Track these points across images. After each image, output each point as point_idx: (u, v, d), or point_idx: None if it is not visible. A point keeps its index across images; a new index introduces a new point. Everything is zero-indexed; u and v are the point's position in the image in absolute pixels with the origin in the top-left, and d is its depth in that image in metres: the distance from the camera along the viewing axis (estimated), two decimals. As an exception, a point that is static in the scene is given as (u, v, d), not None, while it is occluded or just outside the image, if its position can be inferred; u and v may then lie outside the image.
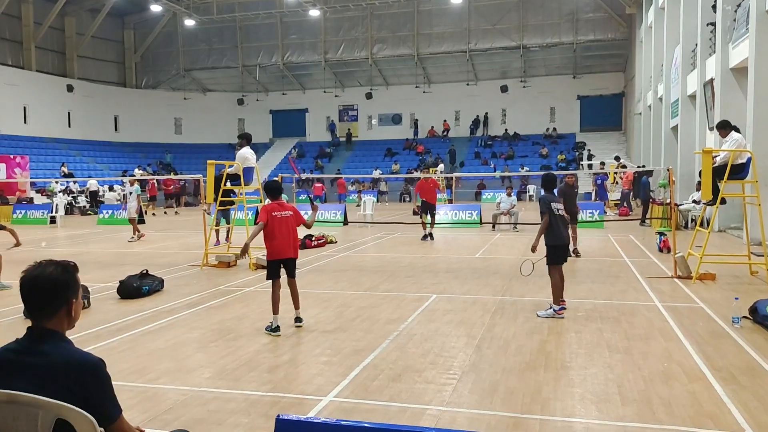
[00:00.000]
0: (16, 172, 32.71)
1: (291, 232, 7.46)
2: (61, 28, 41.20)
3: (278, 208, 7.43)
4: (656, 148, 27.84)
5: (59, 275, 2.61)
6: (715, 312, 8.00)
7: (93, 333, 7.36)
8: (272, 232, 7.35)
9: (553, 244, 7.97)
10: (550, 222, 7.94)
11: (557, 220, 8.00)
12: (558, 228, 8.00)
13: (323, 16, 43.41)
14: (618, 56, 41.59)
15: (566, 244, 8.23)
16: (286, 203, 7.64)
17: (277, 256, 7.40)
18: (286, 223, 7.40)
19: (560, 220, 8.05)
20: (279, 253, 7.40)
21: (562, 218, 8.11)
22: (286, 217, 7.40)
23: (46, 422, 2.47)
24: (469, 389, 5.35)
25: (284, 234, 7.39)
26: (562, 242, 8.08)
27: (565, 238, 8.19)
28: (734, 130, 10.56)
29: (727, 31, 17.25)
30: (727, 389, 5.22)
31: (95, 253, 15.56)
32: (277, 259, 7.41)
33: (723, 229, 17.18)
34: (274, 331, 7.23)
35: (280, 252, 7.40)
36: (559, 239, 8.02)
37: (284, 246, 7.40)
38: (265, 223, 7.30)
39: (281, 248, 7.39)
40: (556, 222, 7.99)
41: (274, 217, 7.33)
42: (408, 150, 44.36)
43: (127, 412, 2.72)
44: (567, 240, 8.27)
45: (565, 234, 8.20)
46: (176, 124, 47.92)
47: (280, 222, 7.36)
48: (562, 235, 8.08)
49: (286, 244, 7.42)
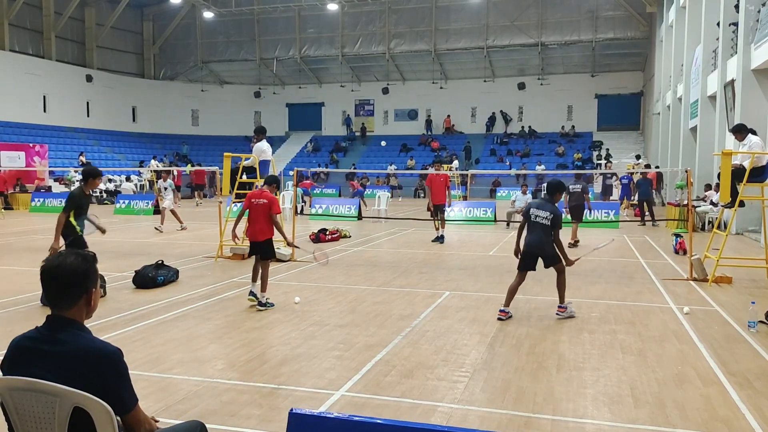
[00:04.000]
0: (35, 160, 33.04)
1: (261, 218, 8.40)
2: (81, 19, 41.51)
3: (257, 195, 8.51)
4: (674, 149, 27.55)
5: (79, 265, 2.64)
6: (731, 316, 7.93)
7: (108, 322, 7.44)
8: (249, 218, 8.54)
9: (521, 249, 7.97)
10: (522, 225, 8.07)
11: (531, 226, 7.81)
12: (528, 234, 7.86)
13: (341, 10, 43.38)
14: (637, 55, 41.17)
15: (527, 251, 7.84)
16: (265, 192, 8.53)
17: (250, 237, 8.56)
18: (258, 210, 8.42)
19: (536, 227, 7.77)
20: (250, 237, 8.55)
21: (542, 226, 7.73)
22: (260, 204, 8.39)
23: (64, 410, 2.50)
24: (481, 387, 5.35)
25: (254, 219, 8.43)
26: (525, 249, 7.85)
27: (528, 245, 7.82)
28: (751, 132, 10.45)
29: (750, 31, 17.02)
30: (741, 394, 5.18)
31: (112, 242, 15.70)
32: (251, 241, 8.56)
33: (741, 232, 17.00)
34: (249, 294, 8.32)
35: (251, 235, 8.52)
36: (525, 245, 7.87)
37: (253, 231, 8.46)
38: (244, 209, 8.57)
39: (252, 232, 8.49)
40: (529, 228, 7.86)
41: (251, 203, 8.45)
42: (423, 146, 44.27)
43: (141, 401, 2.75)
44: (530, 248, 7.82)
45: (530, 241, 7.81)
46: (193, 116, 48.16)
47: (254, 208, 8.44)
48: (527, 242, 7.83)
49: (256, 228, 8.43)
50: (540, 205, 7.90)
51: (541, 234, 7.74)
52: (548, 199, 7.97)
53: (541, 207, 7.86)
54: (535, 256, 7.86)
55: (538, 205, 7.92)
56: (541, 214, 7.77)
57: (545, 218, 7.72)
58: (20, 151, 32.60)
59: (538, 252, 7.82)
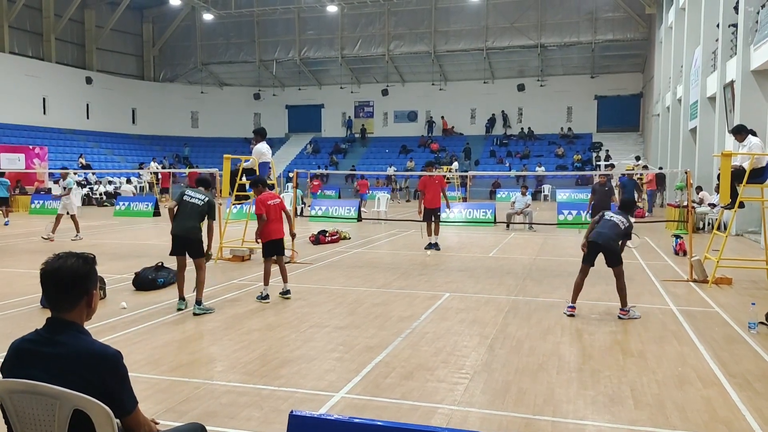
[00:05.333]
0: (35, 162, 33.04)
1: (280, 216, 9.02)
2: (80, 21, 41.53)
3: (270, 197, 8.97)
4: (674, 150, 27.57)
5: (80, 267, 2.64)
6: (731, 317, 7.93)
7: (108, 324, 7.43)
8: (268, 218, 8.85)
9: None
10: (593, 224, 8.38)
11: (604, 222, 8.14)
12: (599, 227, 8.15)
13: (341, 12, 43.42)
14: (637, 56, 41.20)
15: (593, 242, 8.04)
16: (273, 192, 9.38)
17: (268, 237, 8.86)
18: (277, 210, 8.99)
19: (608, 223, 8.11)
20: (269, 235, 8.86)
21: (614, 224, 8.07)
22: (277, 204, 8.99)
23: (64, 412, 2.50)
24: (481, 389, 5.34)
25: (274, 219, 8.88)
26: (592, 239, 8.08)
27: (597, 235, 8.04)
28: (750, 133, 10.45)
29: (749, 32, 17.04)
30: (742, 395, 5.17)
31: (111, 244, 15.70)
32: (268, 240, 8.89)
33: (740, 233, 17.00)
34: (263, 299, 8.71)
35: (268, 235, 8.85)
36: (593, 236, 8.09)
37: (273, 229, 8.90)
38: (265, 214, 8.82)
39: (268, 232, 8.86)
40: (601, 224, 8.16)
41: (268, 206, 8.83)
42: (423, 147, 44.28)
43: (141, 403, 2.74)
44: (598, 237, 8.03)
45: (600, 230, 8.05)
46: (193, 118, 48.18)
47: (274, 209, 8.93)
48: (596, 232, 8.07)
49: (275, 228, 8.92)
50: (616, 213, 8.33)
51: (613, 230, 7.99)
52: (625, 214, 8.32)
53: (617, 213, 8.27)
54: (599, 249, 7.99)
55: (615, 212, 8.34)
56: (616, 217, 8.14)
57: (621, 222, 8.05)
58: (20, 153, 32.61)
59: (605, 244, 7.94)
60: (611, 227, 8.02)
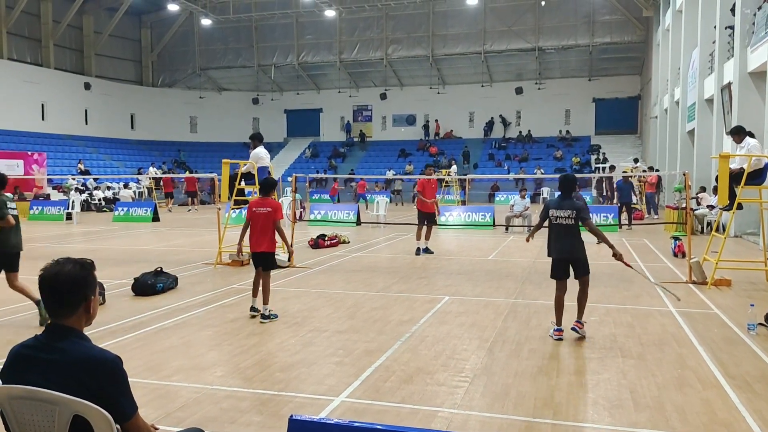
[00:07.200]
0: (34, 168, 33.04)
1: (265, 227, 7.99)
2: (79, 27, 41.60)
3: (259, 204, 8.09)
4: (672, 152, 27.62)
5: (78, 273, 2.64)
6: (730, 318, 7.93)
7: (107, 330, 7.43)
8: (251, 227, 8.09)
9: (550, 256, 7.28)
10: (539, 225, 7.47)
11: (555, 228, 7.12)
12: (552, 240, 7.17)
13: (339, 17, 43.50)
14: (634, 59, 41.30)
15: (559, 258, 7.15)
16: (269, 199, 8.19)
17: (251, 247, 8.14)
18: (261, 219, 7.99)
19: (560, 229, 7.07)
20: (252, 247, 8.12)
21: (565, 227, 7.04)
22: (262, 213, 7.99)
23: (63, 418, 2.50)
24: (481, 392, 5.34)
25: (257, 229, 8.01)
26: (554, 255, 7.18)
27: (559, 251, 7.12)
28: (748, 135, 10.47)
29: (746, 34, 17.09)
30: (741, 397, 5.18)
31: (110, 250, 15.70)
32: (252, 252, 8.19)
33: (739, 235, 17.02)
34: (251, 310, 8.07)
35: (252, 246, 8.10)
36: (552, 252, 7.21)
37: (255, 240, 8.04)
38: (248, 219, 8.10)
39: (253, 242, 8.07)
40: (553, 231, 7.17)
41: (252, 213, 8.05)
42: (421, 151, 44.32)
43: (140, 409, 2.74)
44: (561, 254, 7.13)
45: (560, 247, 7.10)
46: (191, 123, 48.22)
47: (257, 217, 8.02)
48: (556, 248, 7.14)
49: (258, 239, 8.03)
50: (558, 204, 7.14)
51: (569, 237, 7.04)
52: (565, 197, 7.18)
53: (559, 206, 7.10)
54: (567, 262, 7.14)
55: (557, 205, 7.14)
56: (561, 214, 7.05)
57: (568, 217, 7.01)
58: (19, 159, 32.60)
59: (569, 257, 7.09)
60: (566, 233, 7.04)
